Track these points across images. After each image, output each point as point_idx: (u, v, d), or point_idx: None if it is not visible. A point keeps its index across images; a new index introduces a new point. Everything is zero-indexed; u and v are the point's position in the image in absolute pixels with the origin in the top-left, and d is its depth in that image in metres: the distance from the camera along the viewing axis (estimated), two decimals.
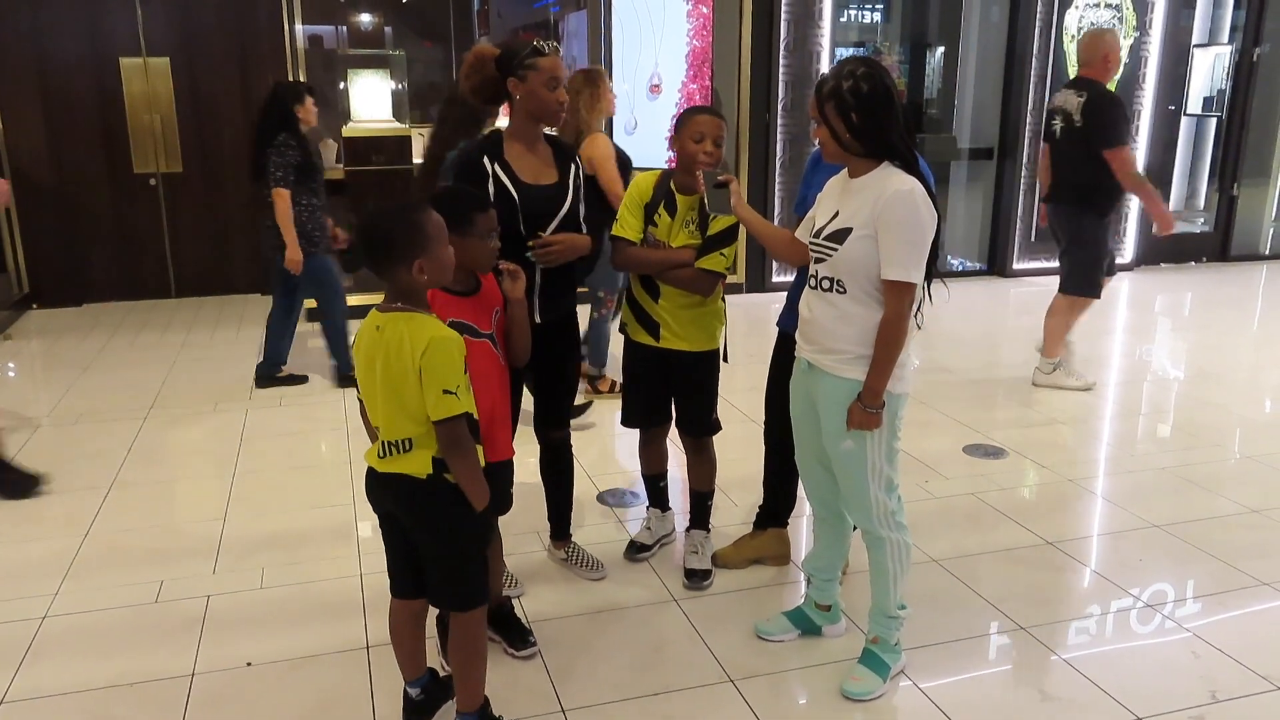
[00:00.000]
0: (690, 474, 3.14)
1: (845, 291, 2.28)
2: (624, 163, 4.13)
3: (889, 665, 2.48)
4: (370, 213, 2.04)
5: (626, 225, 2.86)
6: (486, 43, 2.75)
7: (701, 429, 3.03)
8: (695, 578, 3.00)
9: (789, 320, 2.82)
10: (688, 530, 3.15)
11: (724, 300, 3.00)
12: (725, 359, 3.03)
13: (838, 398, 2.32)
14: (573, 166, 2.76)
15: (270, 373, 5.06)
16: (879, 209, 2.21)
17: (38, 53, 6.50)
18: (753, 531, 3.14)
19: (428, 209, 2.03)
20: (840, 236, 2.27)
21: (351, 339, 4.53)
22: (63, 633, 2.76)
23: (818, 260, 2.34)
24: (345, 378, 5.05)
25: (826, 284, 2.32)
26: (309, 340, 5.62)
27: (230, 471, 3.92)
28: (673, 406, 3.06)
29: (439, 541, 2.10)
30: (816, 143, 2.38)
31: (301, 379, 5.10)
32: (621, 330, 3.05)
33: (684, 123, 2.78)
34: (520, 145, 2.70)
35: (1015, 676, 2.55)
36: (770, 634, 2.70)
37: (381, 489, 2.10)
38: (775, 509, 3.11)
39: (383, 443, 2.05)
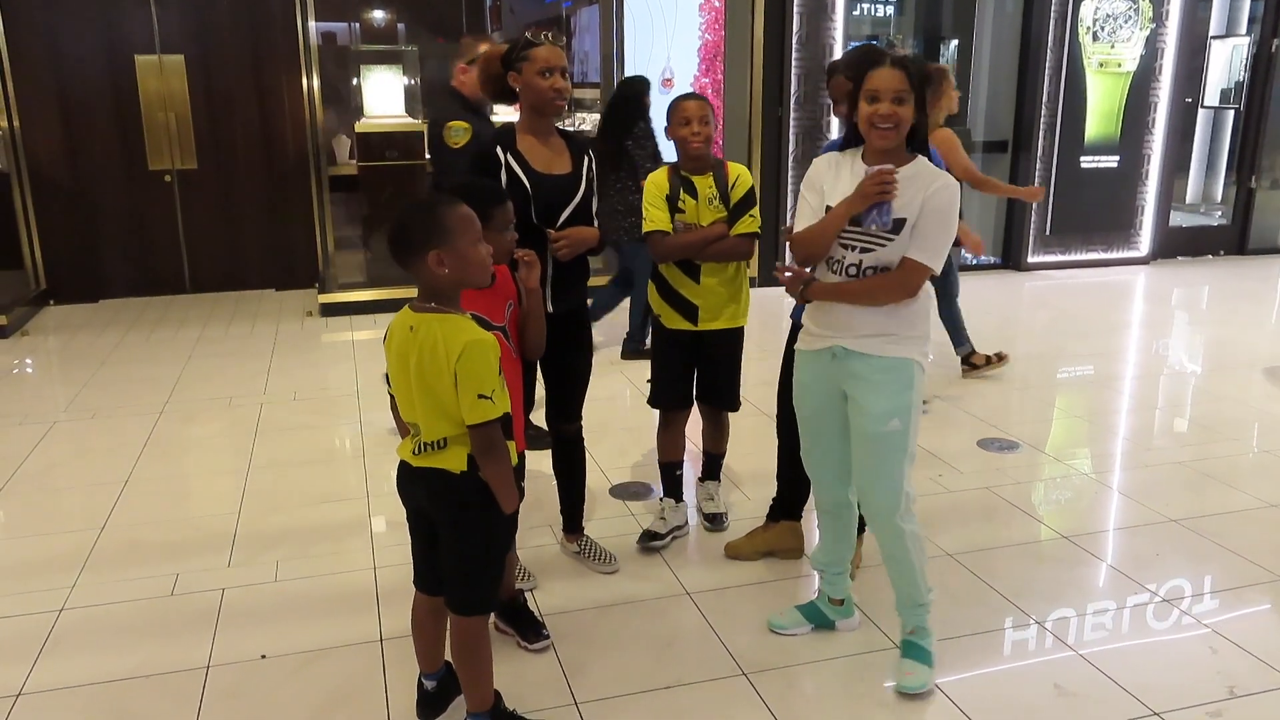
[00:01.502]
0: (706, 440, 3.35)
1: (885, 275, 2.31)
2: None
3: (931, 651, 2.48)
4: (399, 207, 2.06)
5: (656, 219, 2.99)
6: (499, 40, 2.81)
7: (728, 402, 3.20)
8: (715, 520, 3.26)
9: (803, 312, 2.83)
10: (700, 481, 3.34)
11: (746, 264, 3.11)
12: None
13: (883, 375, 2.33)
14: (586, 158, 2.77)
15: (636, 347, 5.33)
16: (927, 196, 2.24)
17: (53, 51, 6.54)
18: (765, 524, 3.13)
19: (456, 203, 2.01)
20: (898, 227, 2.27)
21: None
22: (80, 625, 2.78)
23: (864, 250, 2.30)
24: (635, 352, 5.31)
25: (853, 270, 2.33)
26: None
27: (245, 466, 3.94)
28: (697, 384, 3.20)
29: (463, 539, 2.10)
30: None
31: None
32: (654, 321, 3.16)
33: (671, 111, 2.99)
34: (532, 137, 2.72)
35: (1031, 671, 2.53)
36: (783, 628, 2.69)
37: (414, 484, 2.10)
38: (788, 501, 3.10)
39: (420, 442, 2.04)
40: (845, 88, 2.47)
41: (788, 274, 2.43)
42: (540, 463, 3.19)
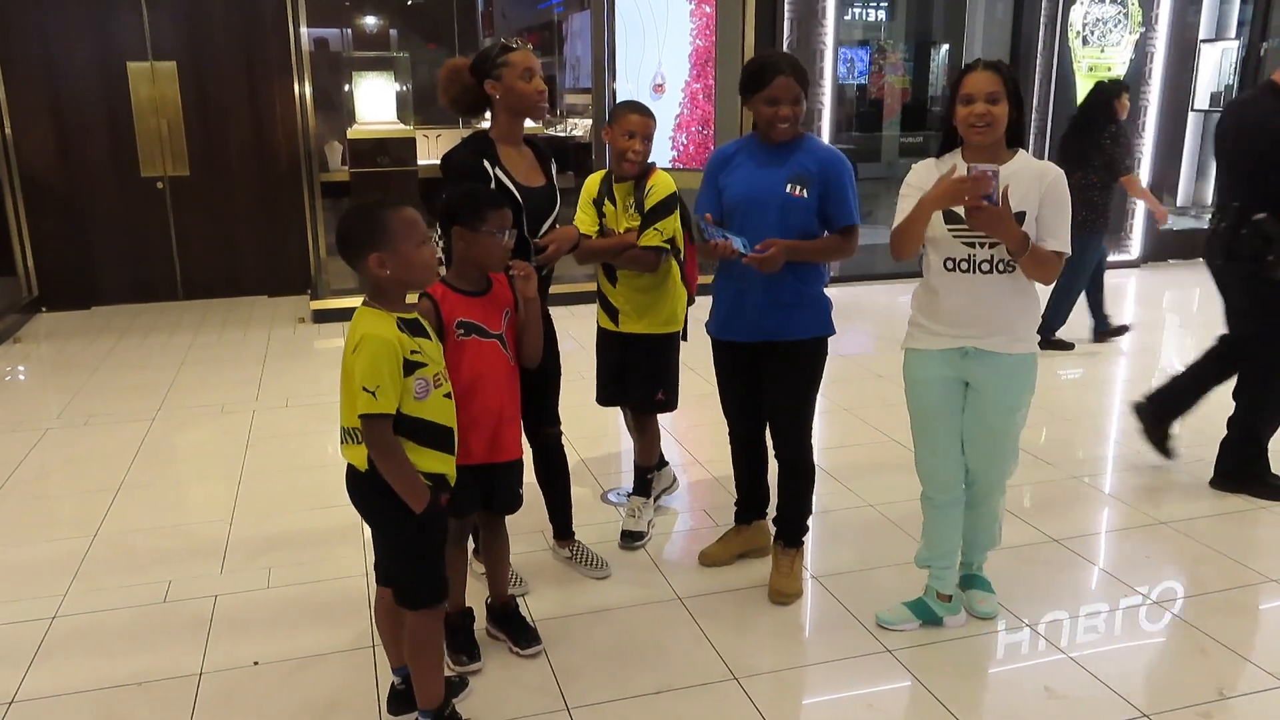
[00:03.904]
0: (636, 448, 3.37)
1: (1014, 270, 2.42)
2: None
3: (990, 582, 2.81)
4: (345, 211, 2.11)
5: (579, 221, 3.09)
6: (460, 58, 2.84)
7: (646, 406, 3.26)
8: (628, 539, 3.22)
9: (718, 326, 2.88)
10: (629, 495, 3.38)
11: (683, 280, 3.18)
12: (684, 337, 3.25)
13: (1013, 373, 2.50)
14: (553, 165, 2.81)
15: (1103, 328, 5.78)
16: (1044, 188, 2.38)
17: (46, 58, 6.54)
18: (736, 527, 3.15)
19: (402, 208, 2.05)
20: (1017, 220, 2.34)
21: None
22: (72, 632, 2.78)
23: (994, 244, 2.40)
24: (1102, 334, 5.79)
25: (985, 266, 2.43)
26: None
27: (237, 472, 3.94)
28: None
29: (381, 534, 2.17)
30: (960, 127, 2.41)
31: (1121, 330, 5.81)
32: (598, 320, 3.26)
33: (615, 117, 3.04)
34: (509, 147, 2.71)
35: (1022, 674, 2.54)
36: (891, 623, 2.73)
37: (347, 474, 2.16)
38: (754, 502, 3.13)
39: (341, 428, 2.08)
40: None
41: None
42: (526, 470, 3.19)
